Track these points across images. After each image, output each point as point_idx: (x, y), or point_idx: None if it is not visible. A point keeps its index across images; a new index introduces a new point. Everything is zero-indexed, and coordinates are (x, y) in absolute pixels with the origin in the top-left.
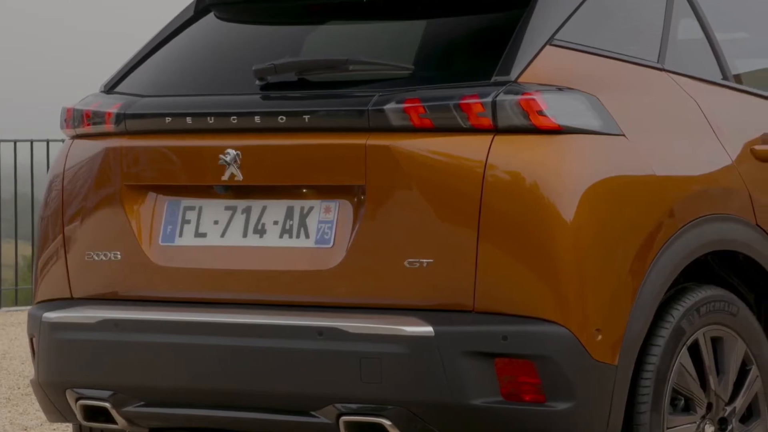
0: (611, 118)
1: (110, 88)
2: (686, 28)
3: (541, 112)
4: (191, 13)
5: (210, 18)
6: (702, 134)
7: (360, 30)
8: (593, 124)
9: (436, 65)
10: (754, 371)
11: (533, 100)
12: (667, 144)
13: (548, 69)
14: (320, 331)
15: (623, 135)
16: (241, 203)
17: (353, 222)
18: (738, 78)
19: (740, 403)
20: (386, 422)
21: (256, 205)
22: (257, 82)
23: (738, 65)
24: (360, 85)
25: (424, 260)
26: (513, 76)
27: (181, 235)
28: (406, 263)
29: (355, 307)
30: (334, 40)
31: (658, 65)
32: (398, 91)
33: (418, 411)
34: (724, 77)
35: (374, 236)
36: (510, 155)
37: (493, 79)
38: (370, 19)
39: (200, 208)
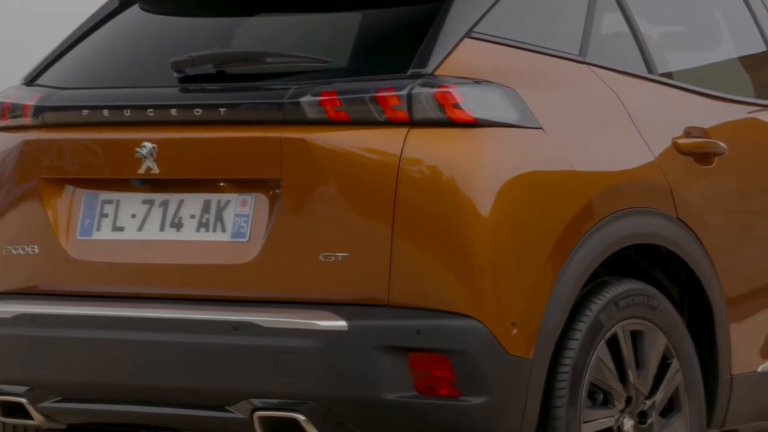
0: (529, 111)
1: (31, 80)
2: (611, 21)
3: (456, 105)
4: (116, 3)
5: (134, 9)
6: (622, 128)
7: (280, 23)
8: (510, 117)
9: (354, 58)
10: (675, 365)
11: (449, 93)
12: (586, 137)
13: (466, 62)
14: (235, 326)
15: (541, 128)
16: (158, 197)
17: (269, 216)
18: (669, 72)
19: (660, 396)
20: (300, 417)
21: (174, 198)
22: (175, 75)
23: (674, 59)
24: (277, 78)
25: (339, 254)
26: (429, 68)
27: (98, 229)
28: (321, 257)
29: (271, 301)
30: (255, 33)
31: (580, 58)
32: (315, 84)
33: (333, 406)
34: (649, 71)
35: (289, 230)
36: (425, 148)
37: (410, 71)
38: (291, 11)
39: (118, 202)
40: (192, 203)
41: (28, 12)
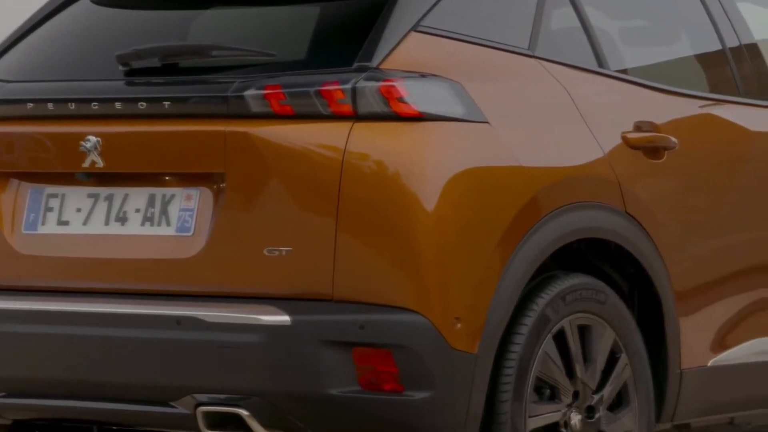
0: (475, 105)
1: None
2: (562, 16)
3: (401, 99)
4: None
5: (82, 3)
6: (571, 122)
7: (227, 16)
8: (455, 111)
9: (300, 51)
10: (623, 359)
11: (393, 86)
12: (534, 131)
13: (412, 55)
14: (178, 320)
15: (487, 122)
16: (103, 191)
17: (213, 210)
18: (621, 67)
19: (608, 391)
20: (244, 412)
21: (119, 192)
22: (120, 68)
23: (626, 54)
24: (223, 71)
25: (284, 249)
26: (375, 62)
27: (44, 223)
28: (265, 252)
29: (215, 296)
30: (202, 26)
31: (529, 52)
32: (259, 77)
33: (276, 401)
34: (600, 65)
35: (234, 224)
36: (369, 142)
37: (355, 65)
38: (238, 5)
39: (63, 196)
40: (137, 197)
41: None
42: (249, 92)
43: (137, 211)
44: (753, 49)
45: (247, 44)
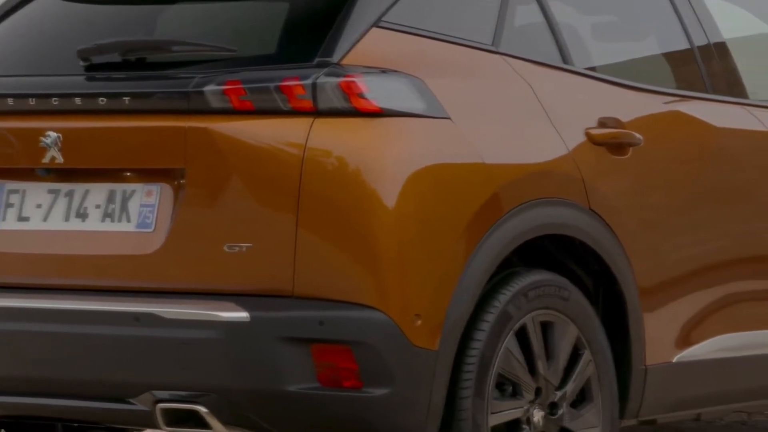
0: (436, 101)
1: None
2: (526, 12)
3: (361, 95)
4: None
5: None
6: (534, 118)
7: (189, 11)
8: (416, 107)
9: (262, 47)
10: (586, 356)
11: (354, 82)
12: (496, 127)
13: (373, 51)
14: (137, 317)
15: (449, 118)
16: (64, 186)
17: (173, 206)
18: (587, 63)
19: (571, 387)
20: (203, 409)
21: (79, 188)
22: (81, 63)
23: (591, 50)
24: (183, 66)
25: (244, 245)
26: (336, 58)
27: (4, 218)
28: (225, 248)
29: (175, 292)
30: (163, 21)
31: (492, 48)
32: (220, 72)
33: (235, 398)
34: (565, 61)
35: (194, 220)
36: (330, 138)
37: (316, 61)
38: (201, 0)
39: (24, 192)
40: (97, 193)
41: None
42: (209, 88)
43: (97, 207)
44: (721, 47)
45: (208, 39)
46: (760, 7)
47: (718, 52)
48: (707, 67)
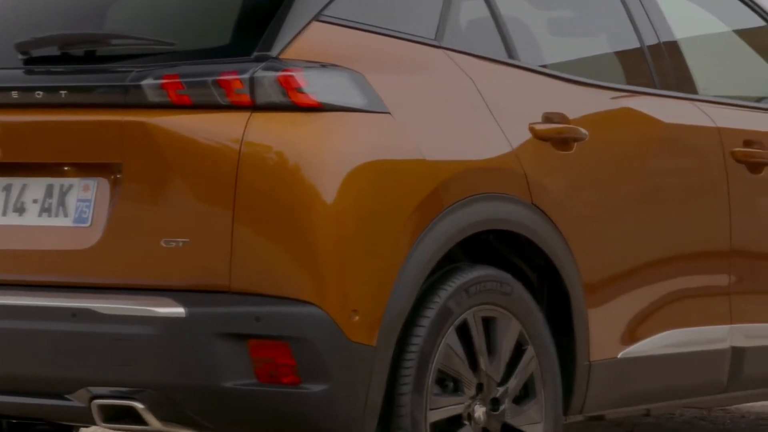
0: (376, 96)
1: None
2: (471, 6)
3: (300, 89)
4: None
5: None
6: (476, 113)
7: (129, 4)
8: (356, 101)
9: (201, 41)
10: (529, 351)
11: (292, 76)
12: (437, 122)
13: (313, 45)
14: (73, 313)
15: (389, 113)
16: (1, 181)
17: (110, 201)
18: (533, 58)
19: (514, 383)
20: (139, 405)
21: (17, 182)
22: (19, 57)
23: (538, 45)
24: (121, 60)
25: (180, 240)
26: (274, 52)
27: None
28: (162, 243)
29: (112, 288)
30: (103, 14)
31: (435, 43)
32: (157, 66)
33: (172, 394)
34: (510, 56)
35: (131, 215)
36: (267, 133)
37: (254, 55)
38: None
39: None
40: (35, 187)
41: None
42: (146, 81)
43: (35, 201)
44: (671, 43)
45: (147, 33)
46: (718, 6)
47: (668, 48)
48: (656, 64)
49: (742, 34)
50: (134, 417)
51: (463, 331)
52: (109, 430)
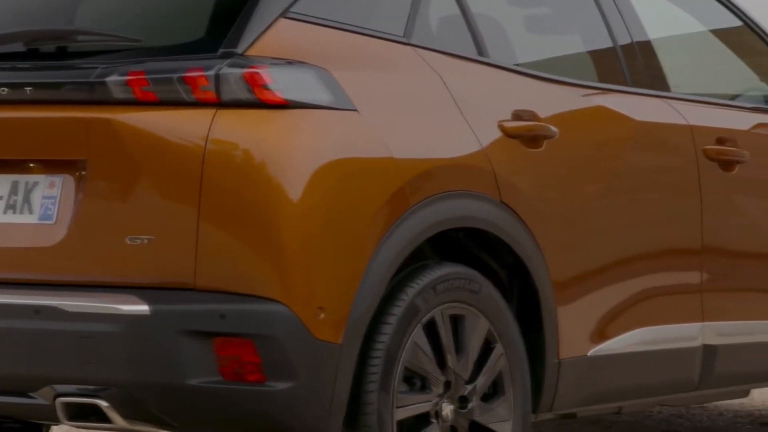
0: (344, 93)
1: None
2: (441, 3)
3: (266, 86)
4: None
5: None
6: (444, 110)
7: (97, 1)
8: (323, 98)
9: (168, 37)
10: (498, 349)
11: (257, 73)
12: (405, 119)
13: (280, 42)
14: (37, 310)
15: (356, 110)
16: None
17: (75, 198)
18: (505, 56)
19: (482, 381)
20: (103, 403)
21: None
22: None
23: (508, 43)
24: (87, 56)
25: (146, 237)
26: (240, 49)
27: None
28: (127, 240)
29: (77, 285)
30: (70, 11)
31: (404, 40)
32: (124, 63)
33: (136, 392)
34: (480, 53)
35: (96, 212)
36: (233, 130)
37: (220, 52)
38: None
39: None
40: (1, 184)
41: None
42: (112, 78)
43: (0, 198)
44: (644, 41)
45: (113, 30)
46: (694, 5)
47: (641, 46)
48: (628, 62)
49: (719, 33)
50: (99, 415)
51: (431, 329)
52: (78, 429)
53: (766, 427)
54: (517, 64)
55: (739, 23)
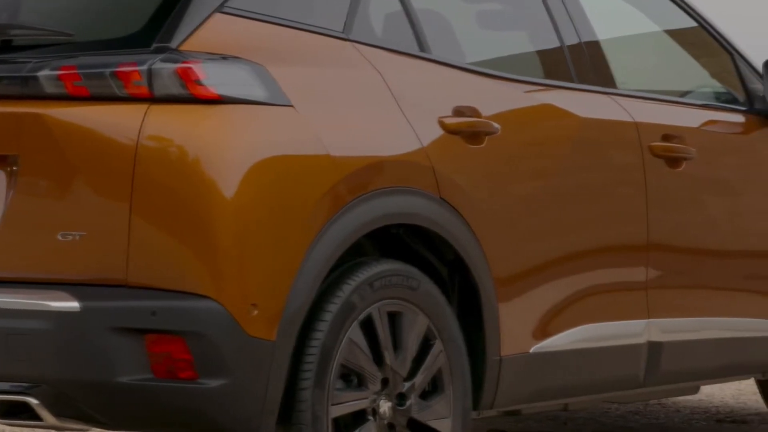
0: (279, 89)
1: None
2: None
3: (199, 81)
4: None
5: None
6: (383, 106)
7: None
8: (257, 94)
9: (101, 32)
10: (437, 346)
11: (191, 68)
12: (342, 115)
13: (215, 37)
14: None
15: (291, 106)
16: None
17: (6, 193)
18: (448, 52)
19: (421, 378)
20: (33, 401)
21: None
22: None
23: (452, 39)
24: (20, 51)
25: (77, 233)
26: (174, 43)
27: None
28: (59, 236)
29: (7, 281)
30: (3, 5)
31: (343, 35)
32: (56, 57)
33: (66, 389)
34: (422, 49)
35: (27, 208)
36: (165, 125)
37: (154, 47)
38: None
39: None
40: None
41: None
42: (43, 73)
43: None
44: (591, 39)
45: (46, 24)
46: (646, 3)
47: (587, 44)
48: (574, 58)
49: (671, 32)
50: (30, 413)
51: (368, 326)
52: (12, 427)
53: (721, 424)
54: (461, 61)
55: (690, 21)
